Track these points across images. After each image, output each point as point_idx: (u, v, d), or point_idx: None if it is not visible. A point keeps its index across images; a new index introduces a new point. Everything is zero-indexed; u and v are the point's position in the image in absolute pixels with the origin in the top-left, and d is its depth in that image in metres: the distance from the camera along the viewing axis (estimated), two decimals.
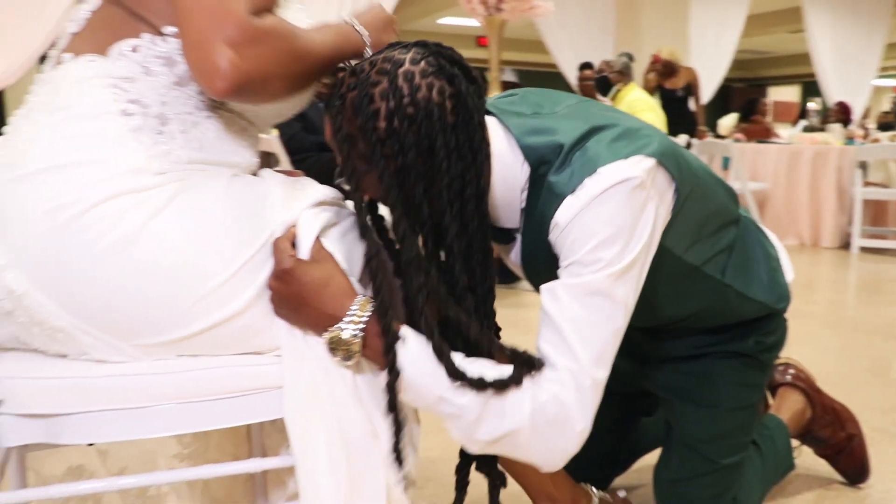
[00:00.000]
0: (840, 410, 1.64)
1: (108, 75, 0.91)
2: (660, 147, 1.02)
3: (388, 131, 0.94)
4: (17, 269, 0.86)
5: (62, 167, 0.87)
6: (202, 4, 0.85)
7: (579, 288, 0.96)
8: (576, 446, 0.97)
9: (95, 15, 0.96)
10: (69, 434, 0.88)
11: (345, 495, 0.93)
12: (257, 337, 0.96)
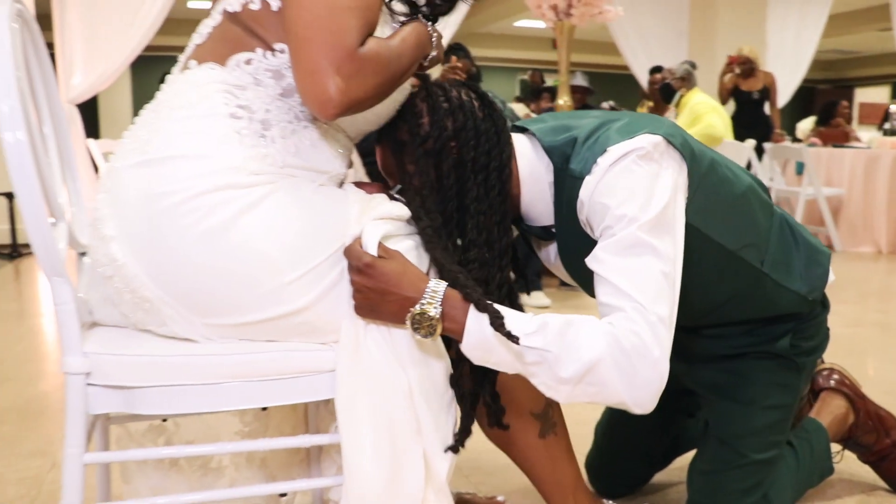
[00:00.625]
0: (885, 418, 1.65)
1: (224, 82, 1.04)
2: (666, 130, 1.13)
3: (430, 124, 1.14)
4: (121, 241, 1.00)
5: (172, 158, 1.00)
6: (319, 37, 0.95)
7: (615, 245, 1.05)
8: (659, 377, 1.01)
9: (216, 30, 1.08)
10: (145, 405, 1.00)
11: (386, 477, 1.02)
12: (314, 332, 1.06)
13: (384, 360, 1.05)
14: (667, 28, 7.60)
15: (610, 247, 1.06)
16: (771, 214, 1.30)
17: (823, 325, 1.39)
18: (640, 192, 1.06)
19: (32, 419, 2.13)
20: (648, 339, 1.00)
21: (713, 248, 1.20)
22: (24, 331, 3.19)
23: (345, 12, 0.97)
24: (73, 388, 0.99)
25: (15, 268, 4.83)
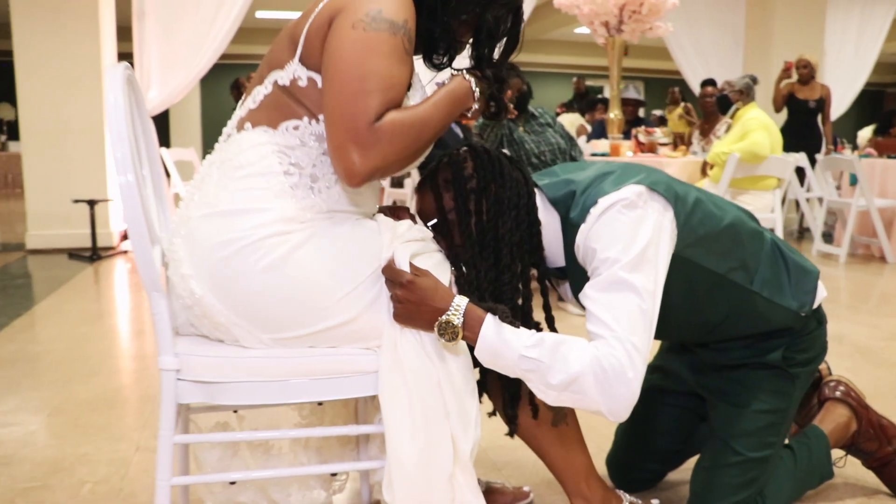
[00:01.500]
0: (887, 427, 1.78)
1: (277, 143, 1.27)
2: (650, 179, 1.32)
3: (473, 168, 1.37)
4: (198, 279, 1.23)
5: (239, 212, 1.22)
6: (342, 117, 1.18)
7: (600, 283, 1.25)
8: (631, 395, 1.20)
9: (268, 98, 1.30)
10: (224, 397, 1.23)
11: (421, 456, 1.24)
12: (361, 339, 1.29)
13: (417, 358, 1.26)
14: (722, 38, 7.64)
15: (596, 285, 1.26)
16: (761, 240, 1.46)
17: (819, 340, 1.53)
18: (623, 236, 1.25)
19: (118, 409, 2.40)
20: (625, 363, 1.19)
21: (704, 274, 1.38)
22: (105, 329, 3.50)
23: (367, 96, 1.18)
24: (167, 382, 1.22)
25: (95, 270, 5.19)
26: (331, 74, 1.20)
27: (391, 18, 1.22)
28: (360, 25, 1.20)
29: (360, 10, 1.21)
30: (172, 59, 6.04)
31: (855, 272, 5.21)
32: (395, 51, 1.22)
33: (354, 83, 1.18)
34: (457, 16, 1.37)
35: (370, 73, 1.18)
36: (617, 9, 4.95)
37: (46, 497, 1.78)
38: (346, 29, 1.21)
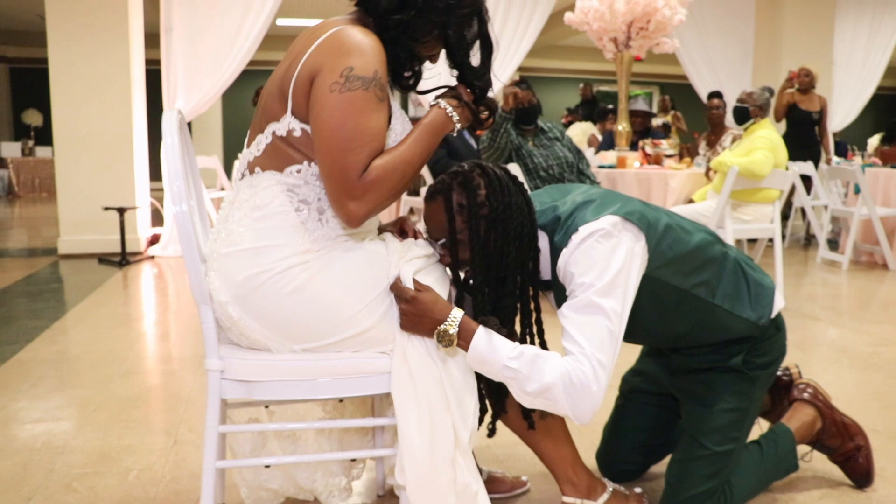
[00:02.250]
0: (850, 425, 1.97)
1: (284, 184, 1.48)
2: (625, 209, 1.50)
3: (486, 196, 1.50)
4: (234, 304, 1.45)
5: (263, 248, 1.44)
6: (331, 174, 1.40)
7: (575, 305, 1.46)
8: (594, 404, 1.40)
9: (269, 146, 1.50)
10: (259, 393, 1.46)
11: (427, 443, 1.45)
12: (376, 344, 1.51)
13: (422, 361, 1.48)
14: (732, 49, 7.78)
15: (572, 305, 1.46)
16: (724, 258, 1.65)
17: (777, 344, 1.73)
18: (598, 264, 1.44)
19: (154, 405, 2.63)
20: (591, 378, 1.40)
21: (670, 290, 1.57)
22: (138, 332, 3.75)
23: (352, 153, 1.39)
24: (213, 380, 1.45)
25: (124, 274, 5.45)
26: (318, 137, 1.42)
27: (362, 75, 1.40)
28: (336, 89, 1.39)
29: (335, 71, 1.40)
30: (198, 71, 6.31)
31: (856, 279, 5.36)
32: (369, 104, 1.41)
33: (339, 143, 1.39)
34: (419, 39, 1.53)
35: (351, 132, 1.39)
36: (625, 25, 5.14)
37: (98, 482, 2.01)
38: (325, 93, 1.40)
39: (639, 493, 1.83)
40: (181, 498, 1.92)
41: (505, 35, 7.22)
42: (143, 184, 6.49)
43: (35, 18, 12.78)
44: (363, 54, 1.42)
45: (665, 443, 1.95)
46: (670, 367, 1.80)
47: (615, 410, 2.00)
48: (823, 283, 5.28)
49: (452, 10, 1.52)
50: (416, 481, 1.47)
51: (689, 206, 4.58)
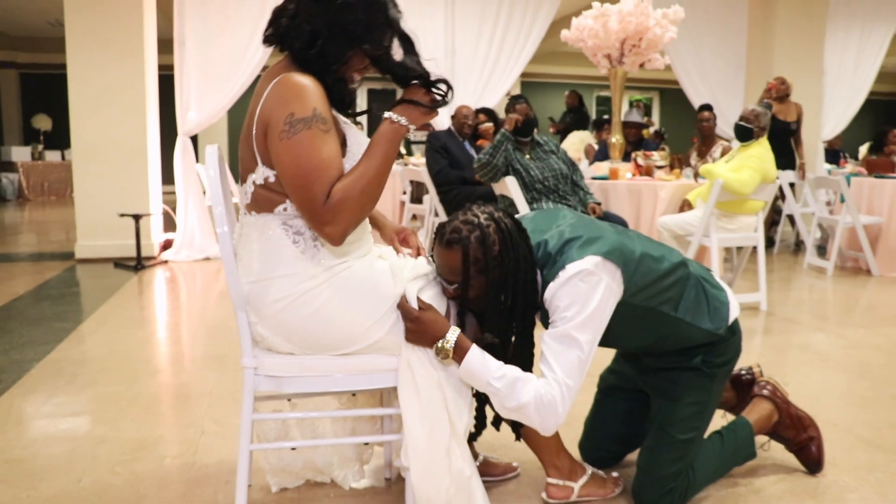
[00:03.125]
0: (804, 418, 2.23)
1: (278, 221, 1.71)
2: (607, 247, 1.73)
3: (500, 251, 1.72)
4: (262, 325, 1.72)
5: (277, 278, 1.69)
6: (301, 208, 1.63)
7: (556, 334, 1.70)
8: (558, 422, 1.69)
9: (255, 193, 1.71)
10: (287, 387, 1.72)
11: (426, 432, 1.71)
12: (385, 350, 1.77)
13: (423, 366, 1.74)
14: (725, 60, 8.03)
15: (553, 334, 1.71)
16: (687, 278, 1.90)
17: (733, 346, 1.98)
18: (578, 300, 1.68)
19: (181, 401, 2.89)
20: (558, 401, 1.67)
21: (640, 309, 1.82)
22: (160, 333, 4.01)
23: (311, 187, 1.58)
24: (248, 375, 1.71)
25: (139, 279, 5.70)
26: (283, 179, 1.64)
27: (302, 117, 1.59)
28: (283, 136, 1.59)
29: (280, 120, 1.60)
30: (210, 83, 6.58)
31: (840, 284, 5.61)
32: (315, 140, 1.59)
33: (299, 181, 1.60)
34: (340, 61, 1.68)
35: (306, 168, 1.59)
36: (618, 43, 5.40)
37: (137, 467, 2.26)
38: (276, 143, 1.61)
39: (615, 477, 2.09)
40: (211, 480, 2.17)
41: (507, 42, 7.48)
42: (156, 189, 6.75)
43: (45, 25, 13.08)
44: (300, 98, 1.60)
45: (637, 433, 2.20)
46: (640, 367, 2.05)
47: (594, 405, 2.26)
48: (809, 288, 5.53)
49: (359, 27, 1.66)
50: (417, 467, 1.73)
51: (677, 216, 4.83)
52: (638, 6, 5.26)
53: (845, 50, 8.62)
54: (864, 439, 2.52)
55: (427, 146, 6.12)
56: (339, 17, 1.65)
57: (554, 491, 2.00)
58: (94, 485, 2.14)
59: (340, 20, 1.65)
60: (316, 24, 1.65)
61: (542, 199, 4.59)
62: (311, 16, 1.66)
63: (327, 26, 1.65)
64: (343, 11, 1.65)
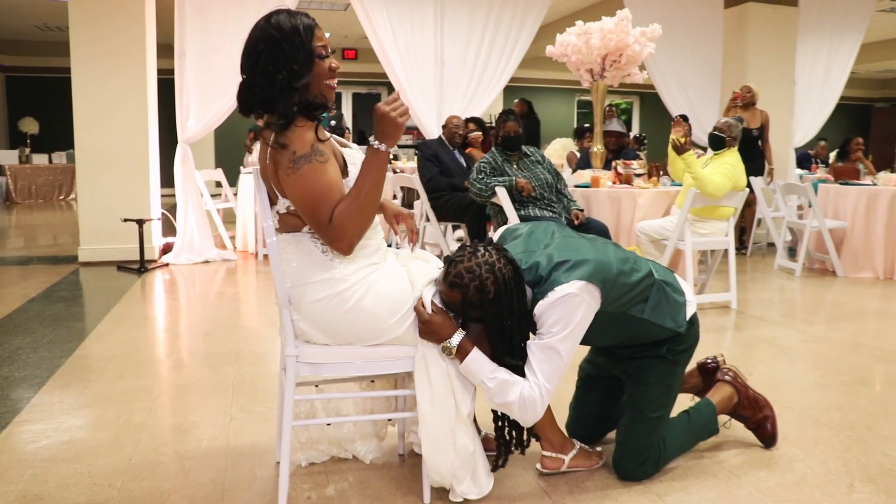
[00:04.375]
0: (759, 399, 2.57)
1: (308, 236, 2.04)
2: (590, 272, 2.04)
3: (494, 293, 2.02)
4: (304, 322, 2.04)
5: (315, 282, 2.01)
6: (313, 227, 1.96)
7: (541, 345, 2.04)
8: (536, 417, 2.05)
9: (281, 219, 2.04)
10: (324, 372, 2.04)
11: (437, 413, 2.05)
12: (406, 343, 2.09)
13: (434, 358, 2.07)
14: (701, 70, 8.40)
15: (539, 345, 2.04)
16: (652, 285, 2.23)
17: (692, 336, 2.31)
18: (563, 318, 2.01)
19: (207, 392, 3.18)
20: (538, 401, 2.02)
21: (613, 315, 2.15)
22: (175, 331, 4.30)
23: (317, 211, 1.91)
24: (290, 363, 2.03)
25: (143, 281, 5.97)
26: (298, 210, 1.97)
27: (302, 154, 1.91)
28: (289, 172, 1.91)
29: (284, 158, 1.91)
30: (209, 92, 6.85)
31: (807, 285, 6.00)
32: (316, 171, 1.91)
33: (307, 208, 1.94)
34: (288, 90, 1.92)
35: (311, 196, 1.92)
36: (600, 58, 5.75)
37: (179, 447, 2.57)
38: (285, 178, 1.93)
39: (599, 451, 2.43)
40: (247, 458, 2.48)
41: (495, 50, 7.77)
42: (157, 194, 7.01)
43: (32, 28, 13.21)
44: (297, 139, 1.93)
45: (614, 414, 2.54)
46: (614, 358, 2.39)
47: (576, 391, 2.60)
48: (779, 288, 5.91)
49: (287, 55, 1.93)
50: (428, 443, 2.07)
51: (654, 222, 5.19)
52: (618, 24, 5.61)
53: (815, 60, 8.99)
54: (814, 419, 2.88)
55: (418, 155, 6.44)
56: (269, 63, 1.95)
57: (547, 462, 2.33)
58: (144, 462, 2.45)
59: (272, 63, 1.95)
60: (259, 75, 1.96)
61: (529, 206, 4.92)
62: (252, 73, 1.98)
63: (265, 80, 1.95)
64: (272, 56, 1.94)
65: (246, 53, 1.99)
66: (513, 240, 2.25)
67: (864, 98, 19.27)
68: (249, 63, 1.98)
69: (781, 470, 2.42)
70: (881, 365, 3.68)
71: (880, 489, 2.30)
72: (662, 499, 2.21)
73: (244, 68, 2.00)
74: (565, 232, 2.25)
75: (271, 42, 1.94)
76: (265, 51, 1.95)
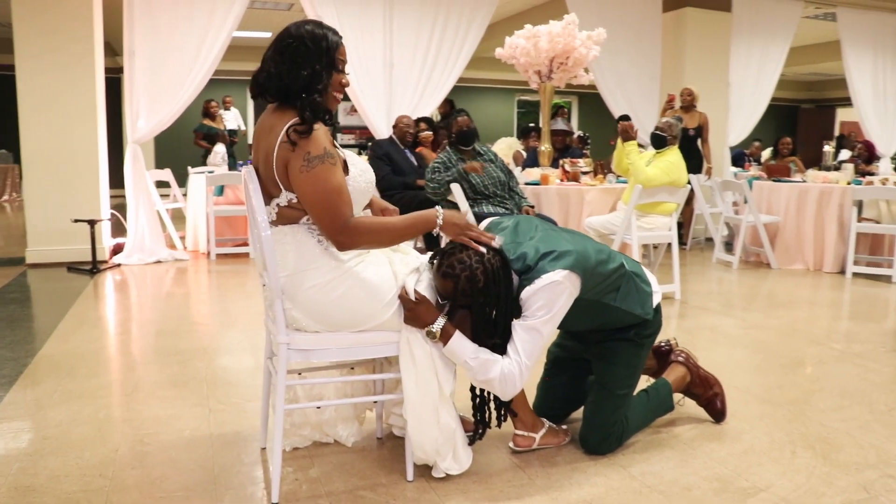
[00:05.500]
0: (710, 378, 2.80)
1: (305, 228, 2.16)
2: (573, 261, 2.22)
3: (483, 282, 2.17)
4: (296, 310, 2.15)
5: (308, 269, 2.14)
6: (323, 226, 2.10)
7: (524, 325, 2.21)
8: (515, 391, 2.23)
9: (280, 211, 2.15)
10: (314, 358, 2.17)
11: (421, 393, 2.19)
12: (392, 328, 2.22)
13: (418, 341, 2.21)
14: (641, 73, 8.71)
15: (523, 325, 2.20)
16: (624, 274, 2.42)
17: (656, 321, 2.51)
18: (548, 304, 2.18)
19: (180, 388, 3.25)
20: (517, 377, 2.19)
21: (588, 301, 2.33)
22: (137, 330, 4.33)
23: (333, 209, 2.07)
24: (282, 350, 2.14)
25: (96, 282, 5.93)
26: (305, 203, 2.11)
27: (316, 155, 2.06)
28: (303, 170, 2.06)
29: (299, 158, 2.05)
30: (160, 92, 6.82)
31: (744, 276, 6.33)
32: (328, 172, 2.07)
33: (320, 206, 2.08)
34: (313, 89, 2.09)
35: (322, 193, 2.07)
36: (548, 60, 5.96)
37: (162, 437, 2.65)
38: (297, 174, 2.07)
39: (565, 429, 2.61)
40: (231, 446, 2.59)
41: (443, 50, 7.92)
42: (106, 194, 6.94)
43: None
44: (312, 140, 2.07)
45: (579, 394, 2.72)
46: (584, 341, 2.58)
47: (544, 373, 2.78)
48: (717, 280, 6.22)
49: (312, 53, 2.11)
50: (413, 420, 2.21)
51: (601, 217, 5.43)
52: (566, 28, 5.83)
53: (748, 63, 9.41)
54: (758, 397, 3.12)
55: (370, 154, 6.56)
56: (295, 54, 2.11)
57: (519, 440, 2.50)
58: (131, 452, 2.52)
59: (297, 56, 2.11)
60: (281, 67, 2.12)
61: (482, 203, 5.10)
62: (277, 64, 2.13)
63: (288, 65, 2.11)
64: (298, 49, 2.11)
65: (274, 45, 2.15)
66: (500, 231, 2.40)
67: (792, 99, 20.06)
68: (276, 54, 2.13)
69: (731, 441, 2.65)
70: (814, 348, 3.97)
71: (818, 454, 2.54)
72: (627, 469, 2.41)
73: (268, 59, 2.15)
74: (546, 226, 2.42)
75: (300, 40, 2.12)
76: (293, 45, 2.11)
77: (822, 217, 6.56)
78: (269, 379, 2.46)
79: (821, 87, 20.11)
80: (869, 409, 3.01)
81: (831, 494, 2.26)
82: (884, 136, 10.03)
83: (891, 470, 2.43)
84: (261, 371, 3.44)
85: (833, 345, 4.03)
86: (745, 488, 2.29)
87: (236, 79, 14.52)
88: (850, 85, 9.90)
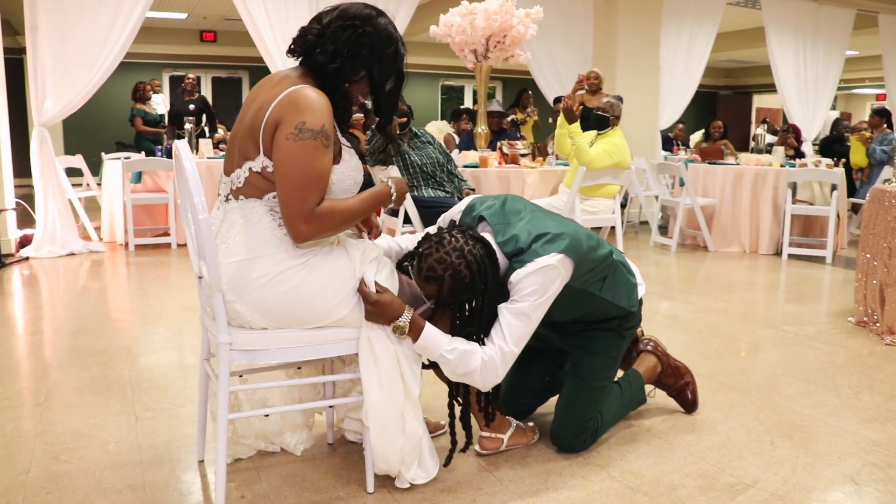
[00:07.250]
0: (680, 367, 2.65)
1: (266, 207, 1.89)
2: (568, 245, 2.02)
3: (469, 277, 1.97)
4: (240, 303, 1.87)
5: (258, 257, 1.86)
6: (289, 204, 1.81)
7: (513, 309, 1.99)
8: (498, 380, 2.01)
9: (248, 179, 1.89)
10: (261, 359, 1.90)
11: (385, 395, 1.95)
12: (350, 325, 1.97)
13: (381, 341, 1.97)
14: (574, 55, 8.63)
15: (511, 309, 2.00)
16: (612, 264, 2.25)
17: (637, 314, 2.36)
18: (539, 289, 1.98)
19: (103, 393, 2.92)
20: (499, 366, 1.99)
21: (577, 291, 2.14)
22: (51, 330, 3.93)
23: (306, 191, 1.80)
24: (223, 350, 1.87)
25: (1, 277, 5.45)
26: (278, 173, 1.84)
27: (311, 128, 1.81)
28: (291, 138, 1.80)
29: (291, 124, 1.81)
30: (68, 70, 6.31)
31: (683, 259, 6.30)
32: (317, 151, 1.81)
33: (294, 184, 1.81)
34: (350, 80, 1.94)
35: (302, 171, 1.80)
36: (484, 39, 5.76)
37: (83, 453, 2.33)
38: (282, 140, 1.82)
39: (532, 427, 2.41)
40: (164, 459, 2.29)
41: None
42: (9, 183, 6.41)
43: None
44: (314, 111, 1.83)
45: (549, 389, 2.54)
46: (562, 331, 2.38)
47: (515, 364, 2.56)
48: (656, 263, 6.16)
49: (376, 53, 1.96)
50: (376, 427, 1.97)
51: (545, 200, 5.28)
52: (503, 5, 5.64)
53: (677, 50, 9.44)
54: (724, 384, 3.00)
55: None
56: (359, 42, 1.92)
57: (486, 442, 2.29)
58: (45, 473, 2.20)
59: (360, 45, 1.92)
60: (339, 44, 1.92)
61: (422, 187, 4.88)
62: (336, 37, 1.92)
63: (348, 48, 1.91)
64: (363, 38, 1.93)
65: (349, 26, 1.94)
66: (486, 210, 2.17)
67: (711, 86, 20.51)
68: (347, 38, 1.93)
69: (707, 433, 2.51)
70: (768, 331, 3.91)
71: (797, 444, 2.42)
72: (605, 469, 2.23)
73: (330, 35, 1.94)
74: (533, 207, 2.21)
75: (368, 26, 1.95)
76: (369, 42, 1.95)
77: (757, 199, 6.59)
78: (207, 383, 2.18)
79: (739, 74, 20.62)
80: (835, 392, 2.93)
81: (821, 487, 2.13)
82: (805, 121, 10.24)
83: (872, 458, 2.33)
84: (191, 371, 3.14)
85: (786, 327, 3.98)
86: (732, 484, 2.14)
87: (153, 62, 13.87)
88: (774, 71, 10.05)
